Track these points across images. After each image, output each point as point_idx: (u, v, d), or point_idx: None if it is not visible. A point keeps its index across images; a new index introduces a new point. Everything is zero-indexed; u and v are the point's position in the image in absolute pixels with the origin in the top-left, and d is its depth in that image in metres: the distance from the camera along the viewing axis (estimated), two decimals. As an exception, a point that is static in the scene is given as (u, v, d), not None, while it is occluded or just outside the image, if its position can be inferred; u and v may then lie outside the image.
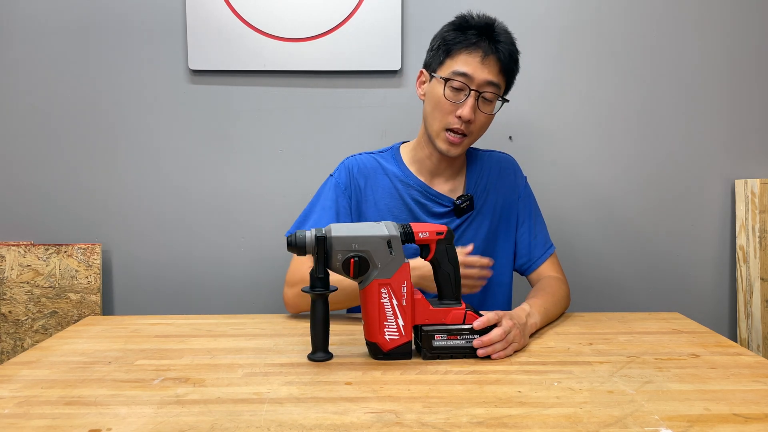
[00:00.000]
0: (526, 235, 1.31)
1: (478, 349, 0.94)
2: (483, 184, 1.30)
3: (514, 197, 1.32)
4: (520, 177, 1.35)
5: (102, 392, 0.81)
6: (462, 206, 1.24)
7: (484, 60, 1.14)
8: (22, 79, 1.65)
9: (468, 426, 0.70)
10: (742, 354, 0.97)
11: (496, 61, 1.16)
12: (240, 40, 1.62)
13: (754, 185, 1.65)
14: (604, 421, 0.71)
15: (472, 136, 1.20)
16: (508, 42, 1.18)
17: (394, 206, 1.25)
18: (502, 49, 1.16)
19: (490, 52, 1.14)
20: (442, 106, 1.17)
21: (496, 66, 1.16)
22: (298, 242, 0.92)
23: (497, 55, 1.15)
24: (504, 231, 1.32)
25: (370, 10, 1.61)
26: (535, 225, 1.32)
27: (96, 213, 1.68)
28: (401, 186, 1.26)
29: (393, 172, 1.27)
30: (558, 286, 1.23)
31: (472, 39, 1.15)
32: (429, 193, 1.25)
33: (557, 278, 1.27)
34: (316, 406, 0.76)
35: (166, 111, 1.67)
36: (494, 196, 1.30)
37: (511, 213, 1.31)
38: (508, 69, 1.18)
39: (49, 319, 1.63)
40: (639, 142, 1.71)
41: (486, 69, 1.15)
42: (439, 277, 0.97)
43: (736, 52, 1.69)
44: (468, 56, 1.15)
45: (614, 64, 1.69)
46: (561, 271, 1.32)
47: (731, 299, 1.75)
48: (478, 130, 1.20)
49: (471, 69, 1.14)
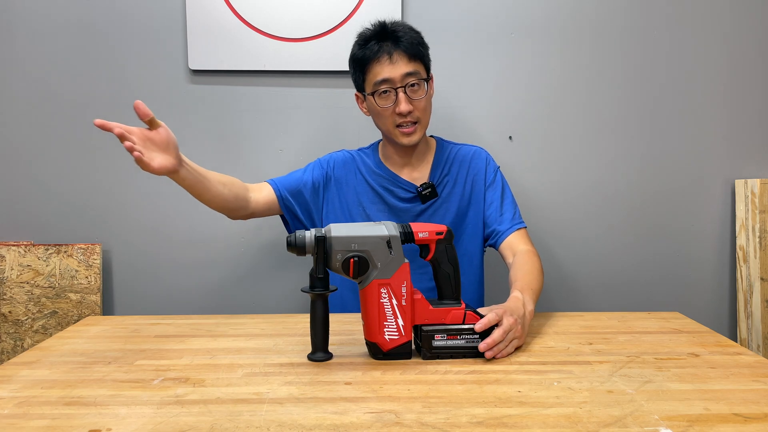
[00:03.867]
0: (494, 214, 1.38)
1: (485, 352, 0.93)
2: (451, 173, 1.39)
3: (482, 184, 1.40)
4: (490, 166, 1.42)
5: (102, 392, 0.81)
6: (424, 193, 1.35)
7: (392, 60, 1.25)
8: (22, 79, 1.65)
9: (468, 426, 0.70)
10: (742, 354, 0.97)
11: (402, 53, 1.25)
12: (240, 40, 1.62)
13: (754, 185, 1.65)
14: (604, 421, 0.71)
15: (421, 120, 1.30)
16: (406, 30, 1.28)
17: (368, 192, 1.39)
18: (402, 40, 1.26)
19: (393, 50, 1.25)
20: (384, 114, 1.29)
21: (404, 58, 1.25)
22: (298, 242, 0.92)
23: (400, 48, 1.25)
24: (473, 216, 1.39)
25: (370, 10, 1.61)
26: (503, 204, 1.38)
27: (96, 213, 1.68)
28: (373, 175, 1.40)
29: (367, 164, 1.41)
30: (534, 259, 1.25)
31: (374, 48, 1.26)
32: (396, 181, 1.38)
33: (530, 251, 1.29)
34: (315, 406, 0.76)
35: (166, 111, 1.67)
36: (462, 184, 1.39)
37: (479, 198, 1.39)
38: (416, 54, 1.27)
39: (49, 319, 1.63)
40: (639, 142, 1.71)
41: (397, 66, 1.25)
42: (439, 277, 0.98)
43: (736, 52, 1.69)
44: (378, 64, 1.26)
45: (614, 64, 1.69)
46: (532, 243, 1.34)
47: (731, 299, 1.75)
48: (422, 113, 1.30)
49: (386, 73, 1.25)
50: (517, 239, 1.32)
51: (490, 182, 1.39)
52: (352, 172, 1.41)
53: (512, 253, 1.29)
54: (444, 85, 1.65)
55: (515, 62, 1.68)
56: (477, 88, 1.69)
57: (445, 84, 1.66)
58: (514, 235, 1.33)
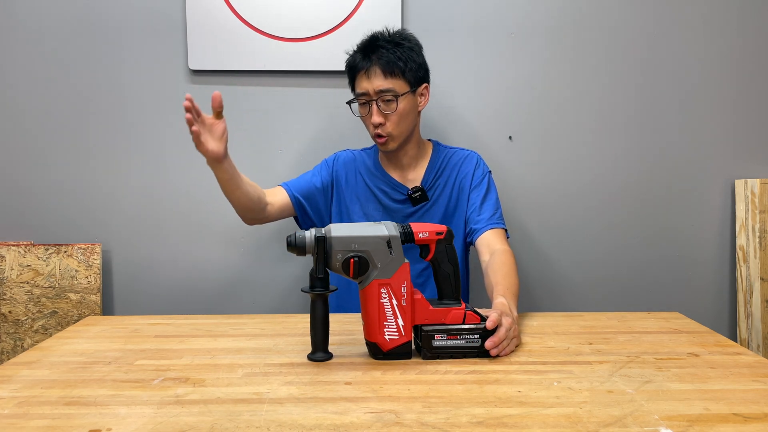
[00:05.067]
0: (474, 213, 1.40)
1: (491, 350, 0.94)
2: (442, 177, 1.42)
3: (467, 186, 1.42)
4: (479, 169, 1.44)
5: (102, 392, 0.81)
6: (414, 196, 1.40)
7: (368, 74, 1.31)
8: (22, 79, 1.65)
9: (468, 426, 0.70)
10: (741, 354, 0.97)
11: (378, 70, 1.30)
12: (240, 40, 1.62)
13: (754, 185, 1.65)
14: (604, 421, 0.71)
15: (393, 133, 1.34)
16: (390, 46, 1.31)
17: (365, 192, 1.44)
18: (382, 57, 1.30)
19: (369, 65, 1.31)
20: (364, 122, 1.38)
21: (379, 74, 1.31)
22: (298, 242, 0.92)
23: (378, 65, 1.30)
24: (458, 218, 1.41)
25: (370, 10, 1.61)
26: (483, 203, 1.39)
27: (96, 213, 1.68)
28: (370, 176, 1.45)
29: (366, 165, 1.46)
30: (510, 260, 1.25)
31: (358, 61, 1.33)
32: (390, 182, 1.43)
33: (506, 251, 1.28)
34: (316, 406, 0.76)
35: (166, 111, 1.67)
36: (450, 187, 1.42)
37: (462, 199, 1.42)
38: (391, 72, 1.31)
39: (49, 319, 1.63)
40: (639, 142, 1.71)
41: (372, 81, 1.31)
42: (438, 277, 0.98)
43: (736, 51, 1.69)
44: (360, 77, 1.33)
45: (614, 64, 1.69)
46: (508, 244, 1.33)
47: (731, 299, 1.75)
48: (395, 127, 1.33)
49: (363, 86, 1.32)
50: (494, 237, 1.33)
51: (476, 184, 1.42)
52: (353, 171, 1.46)
53: (489, 251, 1.30)
54: (444, 85, 1.65)
55: (515, 62, 1.68)
56: (477, 88, 1.69)
57: (445, 84, 1.66)
58: (490, 233, 1.34)
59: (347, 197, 1.44)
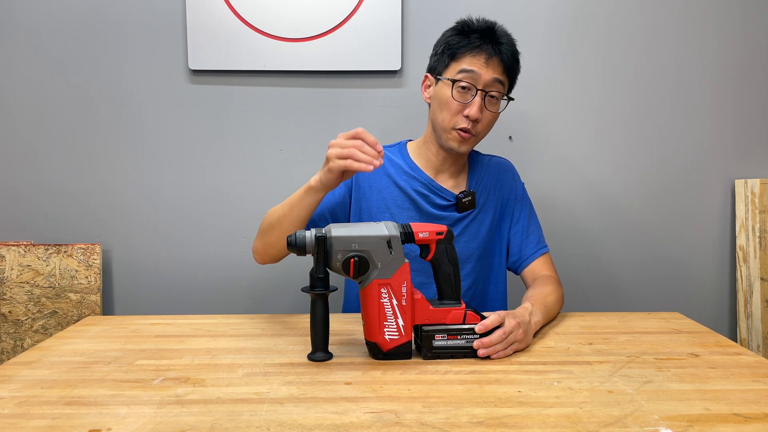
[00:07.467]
0: (519, 234, 1.34)
1: (478, 350, 0.94)
2: (484, 184, 1.33)
3: (512, 198, 1.36)
4: (518, 181, 1.39)
5: (102, 392, 0.81)
6: (464, 200, 1.27)
7: (488, 61, 1.19)
8: (21, 79, 1.65)
9: (468, 426, 0.70)
10: (742, 354, 0.97)
11: (499, 62, 1.20)
12: (240, 40, 1.62)
13: (754, 185, 1.65)
14: (604, 421, 0.71)
15: (479, 134, 1.24)
16: (510, 44, 1.23)
17: (397, 196, 1.28)
18: (504, 50, 1.20)
19: (493, 54, 1.19)
20: (450, 107, 1.20)
21: (499, 66, 1.20)
22: (298, 242, 0.92)
23: (500, 56, 1.20)
24: (503, 228, 1.35)
25: (370, 10, 1.61)
26: (529, 226, 1.35)
27: (96, 213, 1.68)
28: (406, 178, 1.29)
29: (398, 165, 1.30)
30: (554, 284, 1.23)
31: (475, 42, 1.19)
32: (432, 186, 1.28)
33: (552, 277, 1.27)
34: (316, 406, 0.76)
35: (166, 111, 1.67)
36: (495, 196, 1.34)
37: (506, 213, 1.35)
38: (510, 69, 1.23)
39: (49, 319, 1.63)
40: (639, 142, 1.71)
41: (491, 69, 1.19)
42: (439, 277, 0.98)
43: (736, 51, 1.69)
44: (473, 58, 1.19)
45: (614, 63, 1.69)
46: (555, 270, 1.32)
47: (731, 299, 1.75)
48: (485, 128, 1.24)
49: (477, 68, 1.19)
50: (541, 266, 1.30)
51: (519, 197, 1.35)
52: (377, 173, 1.29)
53: (533, 279, 1.28)
54: (444, 85, 1.65)
55: (515, 62, 1.68)
56: (477, 88, 1.69)
57: (445, 84, 1.66)
58: (538, 261, 1.31)
59: (372, 203, 1.28)
